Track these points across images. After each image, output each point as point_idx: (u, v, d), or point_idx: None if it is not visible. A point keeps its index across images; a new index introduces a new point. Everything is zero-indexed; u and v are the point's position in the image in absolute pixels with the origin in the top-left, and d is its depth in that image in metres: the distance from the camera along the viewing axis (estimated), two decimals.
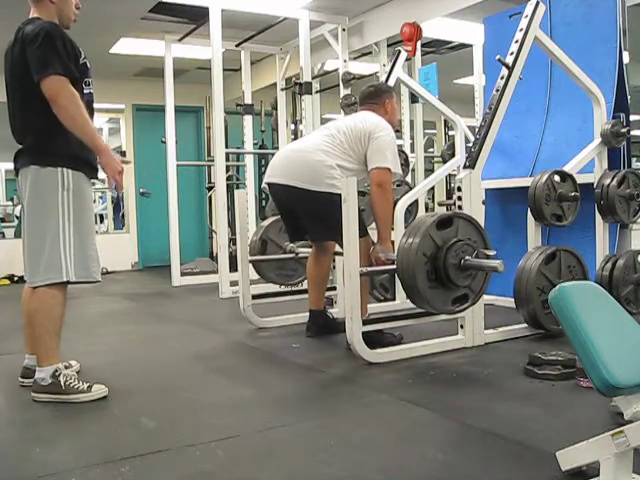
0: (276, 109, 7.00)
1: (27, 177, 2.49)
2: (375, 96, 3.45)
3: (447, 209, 5.47)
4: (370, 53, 6.34)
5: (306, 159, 3.19)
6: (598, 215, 3.70)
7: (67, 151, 2.45)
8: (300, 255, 4.02)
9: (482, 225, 2.94)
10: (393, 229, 3.27)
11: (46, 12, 2.50)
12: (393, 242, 3.24)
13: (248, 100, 6.62)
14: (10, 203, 9.22)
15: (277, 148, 7.04)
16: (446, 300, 2.81)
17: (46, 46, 2.36)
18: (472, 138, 4.38)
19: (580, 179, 3.51)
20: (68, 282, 2.48)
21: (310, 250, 3.64)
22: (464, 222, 2.83)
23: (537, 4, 3.36)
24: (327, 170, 3.14)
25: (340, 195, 2.81)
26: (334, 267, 3.74)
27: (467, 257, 2.75)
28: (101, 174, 2.60)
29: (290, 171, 3.24)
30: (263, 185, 3.46)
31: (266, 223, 4.26)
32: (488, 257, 2.78)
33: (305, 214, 3.29)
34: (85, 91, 2.52)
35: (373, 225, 3.44)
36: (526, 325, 3.33)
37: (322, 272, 3.55)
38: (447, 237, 2.76)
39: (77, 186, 2.50)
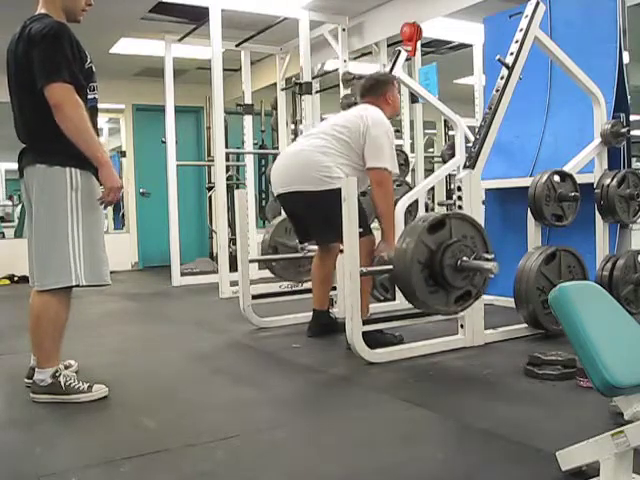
0: (276, 109, 7.00)
1: (34, 176, 2.43)
2: (374, 89, 3.41)
3: (447, 209, 5.47)
4: (370, 53, 6.34)
5: (304, 161, 3.21)
6: (598, 215, 3.70)
7: (74, 150, 2.37)
8: (310, 254, 4.04)
9: (478, 220, 2.89)
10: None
11: (53, 7, 2.45)
12: None
13: (248, 100, 6.62)
14: (9, 202, 9.23)
15: (277, 148, 7.05)
16: (448, 301, 2.79)
17: (53, 50, 2.31)
18: (472, 138, 4.38)
19: (580, 179, 3.51)
20: (77, 286, 2.42)
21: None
22: (457, 221, 2.78)
23: (537, 4, 3.36)
24: (326, 169, 3.14)
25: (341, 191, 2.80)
26: (334, 267, 3.74)
27: (464, 258, 2.71)
28: None
29: (290, 177, 3.27)
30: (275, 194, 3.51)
31: (275, 222, 4.32)
32: (487, 259, 2.74)
33: (310, 218, 3.30)
34: (89, 96, 2.47)
35: (375, 224, 3.44)
36: (526, 325, 3.33)
37: (327, 272, 3.55)
38: (441, 239, 2.71)
39: (86, 186, 2.43)
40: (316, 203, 3.17)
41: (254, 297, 3.82)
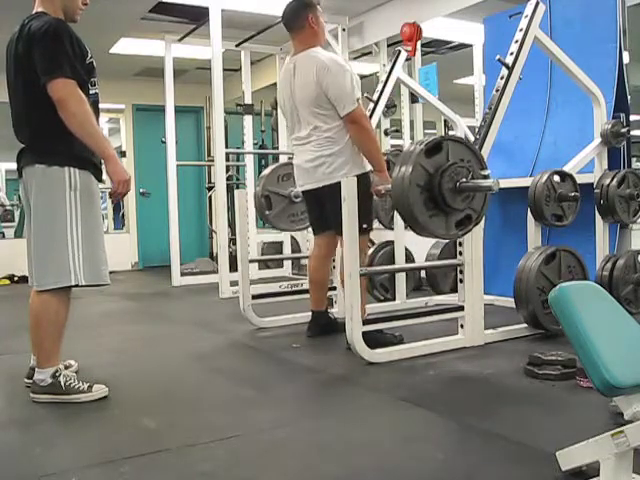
0: (276, 109, 7.00)
1: (33, 177, 2.43)
2: (297, 19, 3.28)
3: None
4: (370, 53, 6.34)
5: (310, 165, 3.26)
6: (598, 215, 3.70)
7: (73, 150, 2.38)
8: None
9: (475, 146, 2.88)
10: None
11: (51, 6, 2.45)
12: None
13: (248, 100, 6.61)
14: (8, 202, 9.22)
15: (277, 148, 7.05)
16: (449, 226, 2.75)
17: (54, 46, 2.31)
18: (472, 138, 4.38)
19: (580, 179, 3.51)
20: (77, 286, 2.42)
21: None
22: (454, 144, 2.74)
23: (537, 4, 3.36)
24: (331, 167, 3.17)
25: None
26: (333, 267, 3.74)
27: (463, 179, 2.68)
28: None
29: (304, 178, 3.34)
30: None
31: (266, 172, 4.27)
32: (484, 177, 2.72)
33: (328, 206, 3.30)
34: (91, 91, 2.48)
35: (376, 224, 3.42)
36: (526, 325, 3.33)
37: (323, 273, 3.55)
38: (439, 163, 2.67)
39: (84, 186, 2.44)
40: (332, 194, 3.16)
41: (254, 297, 3.82)
